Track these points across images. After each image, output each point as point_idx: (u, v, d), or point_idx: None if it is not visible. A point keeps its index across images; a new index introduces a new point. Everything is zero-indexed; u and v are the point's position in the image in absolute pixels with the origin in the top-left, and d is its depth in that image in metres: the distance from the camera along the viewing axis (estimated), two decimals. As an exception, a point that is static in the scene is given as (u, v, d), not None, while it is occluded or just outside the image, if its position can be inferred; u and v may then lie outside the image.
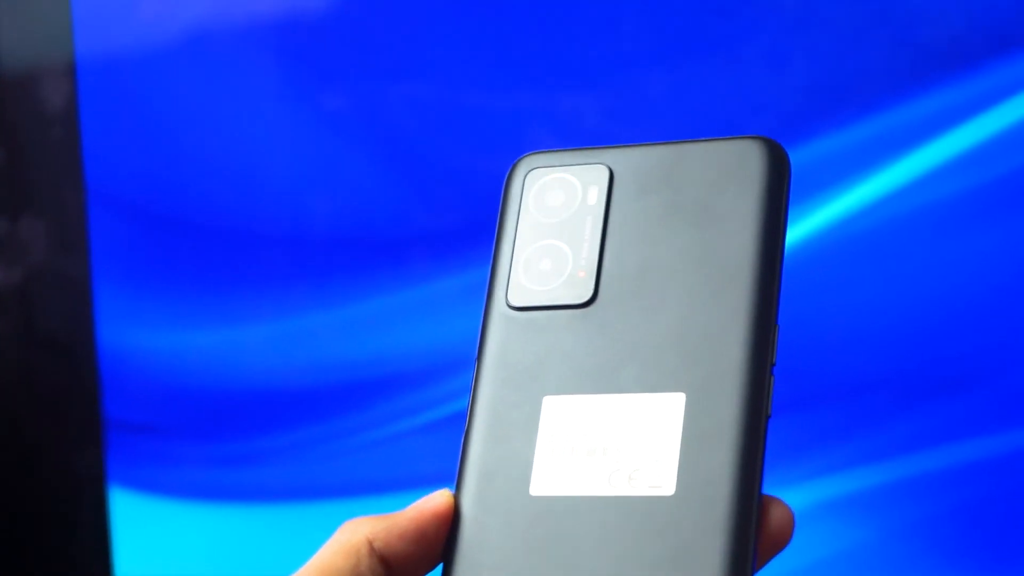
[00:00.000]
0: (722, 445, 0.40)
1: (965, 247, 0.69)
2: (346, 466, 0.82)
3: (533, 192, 0.45)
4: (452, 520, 0.41)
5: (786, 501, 0.41)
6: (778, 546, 0.40)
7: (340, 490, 0.82)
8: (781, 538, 0.40)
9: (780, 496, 0.41)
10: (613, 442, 0.41)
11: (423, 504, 0.41)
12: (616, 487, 0.40)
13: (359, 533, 0.41)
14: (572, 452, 0.41)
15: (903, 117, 0.69)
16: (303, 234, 0.82)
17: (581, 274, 0.44)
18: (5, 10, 0.89)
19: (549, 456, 0.41)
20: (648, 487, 0.40)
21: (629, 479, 0.40)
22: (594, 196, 0.45)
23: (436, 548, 0.41)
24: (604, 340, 0.42)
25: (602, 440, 0.41)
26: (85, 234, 0.87)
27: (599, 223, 0.44)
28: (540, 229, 0.45)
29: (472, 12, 0.77)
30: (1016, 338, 0.69)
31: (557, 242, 0.44)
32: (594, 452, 0.41)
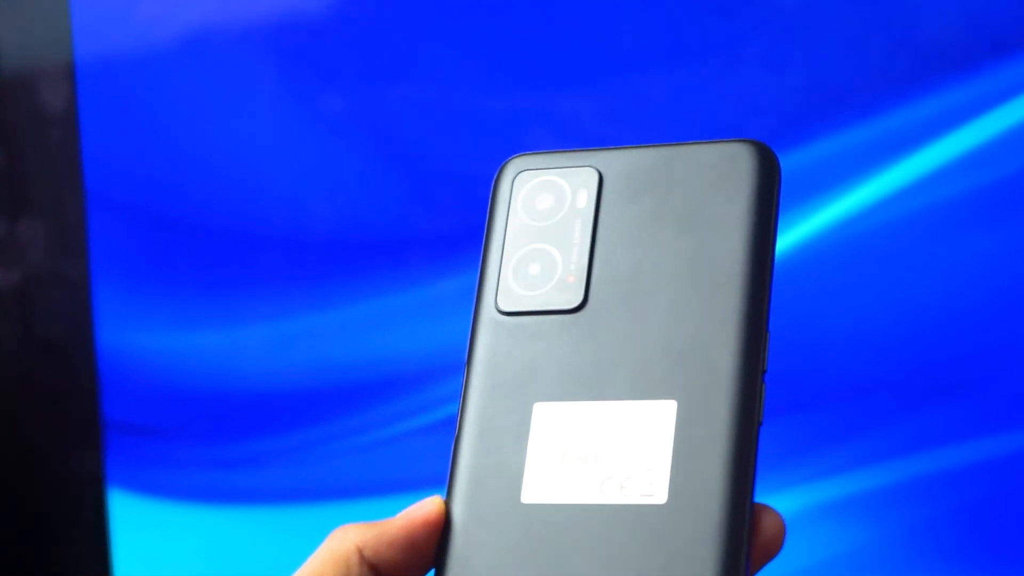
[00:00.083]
0: (714, 453, 0.39)
1: (965, 249, 0.69)
2: (345, 468, 0.82)
3: (522, 195, 0.45)
4: (443, 528, 0.41)
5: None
6: (770, 554, 0.40)
7: (339, 492, 0.82)
8: (773, 546, 0.40)
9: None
10: (604, 450, 0.41)
11: (413, 512, 0.41)
12: (608, 495, 0.40)
13: (348, 541, 0.41)
14: (563, 459, 0.41)
15: (903, 119, 0.69)
16: (302, 236, 0.82)
17: (570, 279, 0.43)
18: (4, 11, 0.89)
19: (540, 463, 0.41)
20: (640, 495, 0.40)
21: (621, 487, 0.40)
22: (583, 199, 0.44)
23: (426, 556, 0.41)
24: (594, 346, 0.42)
25: (593, 448, 0.41)
26: (84, 236, 0.87)
27: (588, 227, 0.44)
28: (529, 233, 0.44)
29: (471, 14, 0.77)
30: (1015, 341, 0.68)
31: (546, 246, 0.44)
32: (585, 460, 0.41)
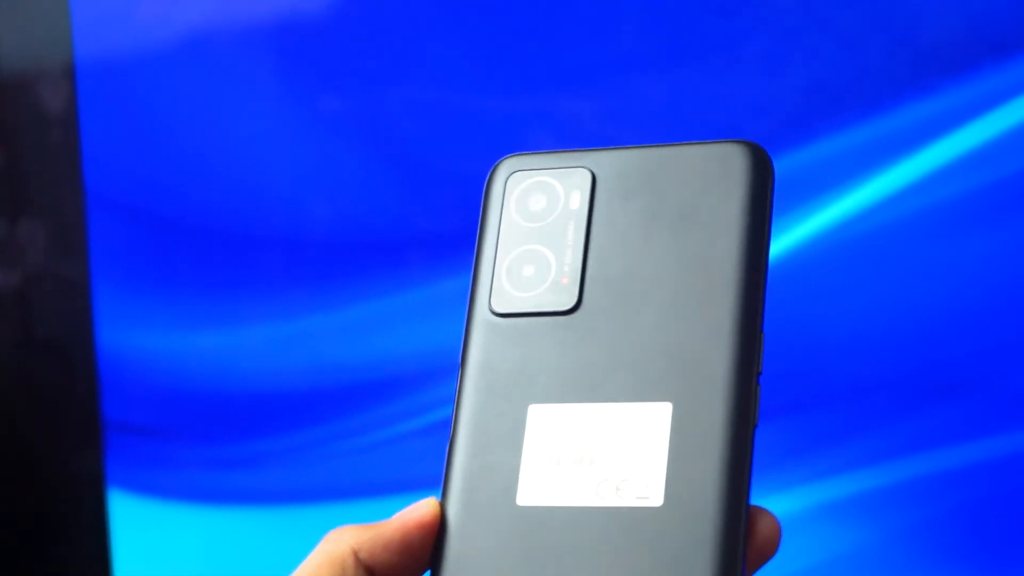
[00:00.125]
0: (710, 456, 0.39)
1: (964, 250, 0.69)
2: (345, 468, 0.82)
3: (515, 196, 0.45)
4: (438, 530, 0.41)
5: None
6: (765, 556, 0.40)
7: (339, 492, 0.82)
8: (768, 549, 0.40)
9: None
10: (600, 452, 0.41)
11: (408, 514, 0.41)
12: (604, 498, 0.40)
13: (343, 543, 0.41)
14: (559, 462, 0.41)
15: (903, 120, 0.69)
16: (302, 236, 0.82)
17: (564, 280, 0.43)
18: (4, 12, 0.89)
19: (535, 465, 0.41)
20: (636, 498, 0.40)
21: (617, 490, 0.40)
22: (576, 200, 0.44)
23: (422, 558, 0.41)
24: (589, 348, 0.42)
25: (589, 450, 0.41)
26: (84, 236, 0.87)
27: (582, 228, 0.44)
28: (522, 234, 0.44)
29: (470, 15, 0.77)
30: (1014, 341, 0.68)
31: (540, 247, 0.44)
32: (581, 462, 0.41)
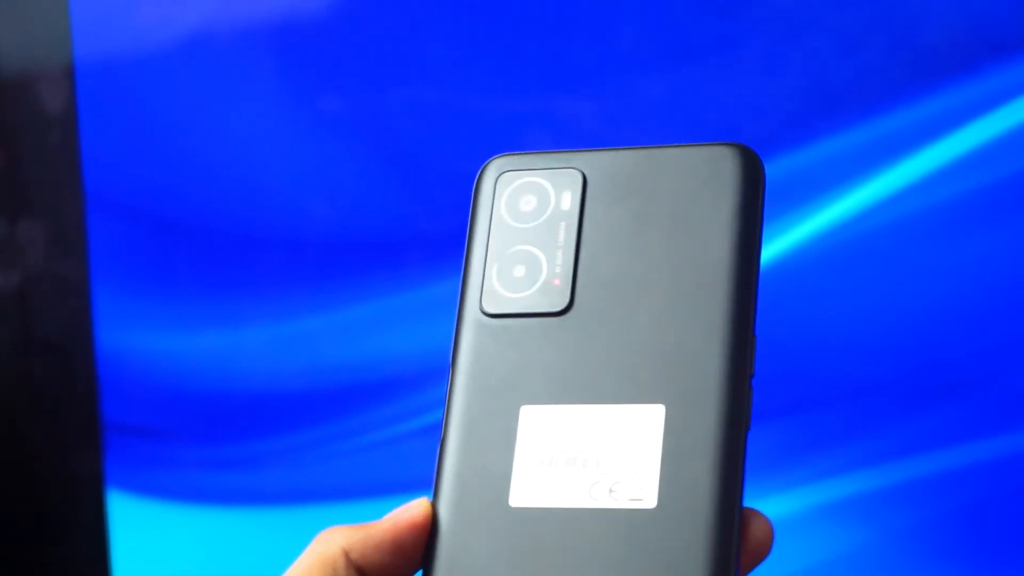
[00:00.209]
0: (703, 458, 0.40)
1: (964, 251, 0.69)
2: (344, 469, 0.82)
3: (505, 196, 0.45)
4: (430, 531, 0.41)
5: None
6: (758, 558, 0.40)
7: (338, 493, 0.82)
8: (761, 550, 0.40)
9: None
10: (593, 454, 0.41)
11: (400, 514, 0.41)
12: (597, 499, 0.40)
13: (334, 544, 0.41)
14: (551, 463, 0.41)
15: (902, 120, 0.69)
16: (301, 237, 0.82)
17: (556, 282, 0.43)
18: (4, 13, 0.89)
19: (528, 467, 0.41)
20: (629, 500, 0.40)
21: (610, 491, 0.40)
22: (567, 201, 0.44)
23: (413, 558, 0.41)
24: (581, 350, 0.42)
25: (582, 451, 0.41)
26: (83, 237, 0.87)
27: (573, 230, 0.44)
28: (513, 234, 0.44)
29: (470, 16, 0.77)
30: (1013, 342, 0.68)
31: (531, 248, 0.44)
32: (574, 463, 0.41)
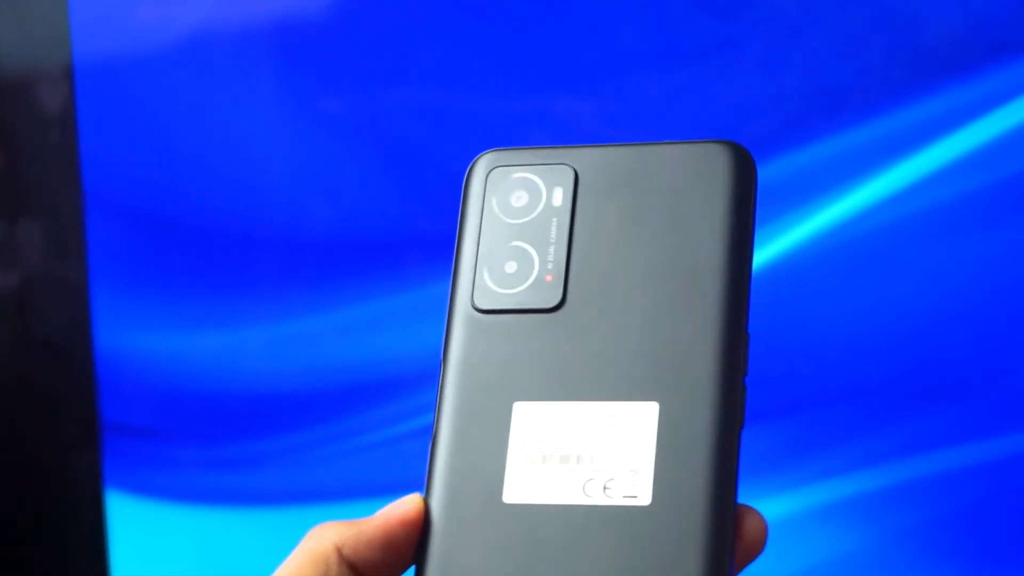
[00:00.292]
0: (697, 456, 0.40)
1: (964, 251, 0.69)
2: (343, 469, 0.82)
3: (496, 191, 0.45)
4: (423, 527, 0.41)
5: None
6: (752, 555, 0.40)
7: (337, 493, 0.82)
8: (756, 547, 0.40)
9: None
10: (587, 451, 0.41)
11: (391, 510, 0.41)
12: (591, 497, 0.40)
13: (327, 540, 0.41)
14: (545, 460, 0.41)
15: (902, 121, 0.69)
16: (300, 237, 0.82)
17: (548, 278, 0.43)
18: (3, 13, 0.89)
19: (521, 463, 0.41)
20: (623, 497, 0.40)
21: (604, 488, 0.40)
22: (559, 197, 0.44)
23: (405, 554, 0.41)
24: (574, 346, 0.42)
25: (575, 448, 0.41)
26: (82, 237, 0.87)
27: (565, 226, 0.44)
28: (504, 230, 0.44)
29: (470, 16, 0.77)
30: (1013, 343, 0.68)
31: (522, 244, 0.44)
32: (568, 460, 0.41)
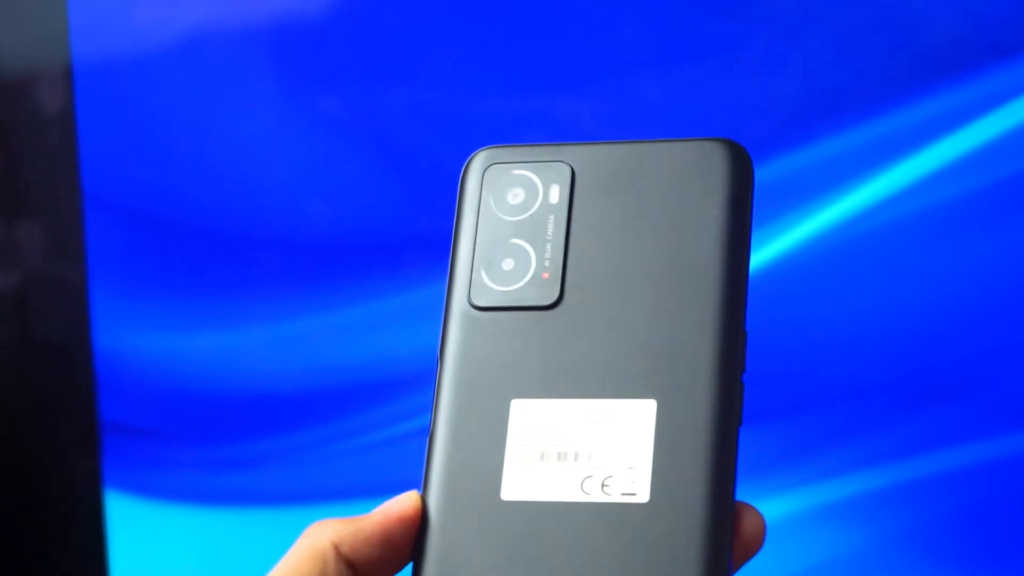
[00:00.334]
0: (695, 453, 0.40)
1: (964, 251, 0.69)
2: (343, 469, 0.82)
3: (493, 188, 0.45)
4: (421, 524, 0.41)
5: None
6: (750, 552, 0.40)
7: (337, 494, 0.82)
8: (753, 544, 0.40)
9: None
10: (585, 448, 0.41)
11: (389, 507, 0.41)
12: (590, 494, 0.40)
13: (324, 537, 0.41)
14: (543, 457, 0.41)
15: (901, 121, 0.69)
16: (299, 238, 0.82)
17: (545, 276, 0.43)
18: (2, 13, 0.89)
19: (519, 461, 0.41)
20: (621, 494, 0.40)
21: (603, 486, 0.40)
22: (556, 195, 0.44)
23: (403, 551, 0.41)
24: (572, 344, 0.42)
25: (574, 445, 0.41)
26: (82, 238, 0.87)
27: (563, 223, 0.44)
28: (501, 227, 0.44)
29: (469, 16, 0.77)
30: (1012, 343, 0.68)
31: (520, 241, 0.44)
32: (566, 457, 0.41)
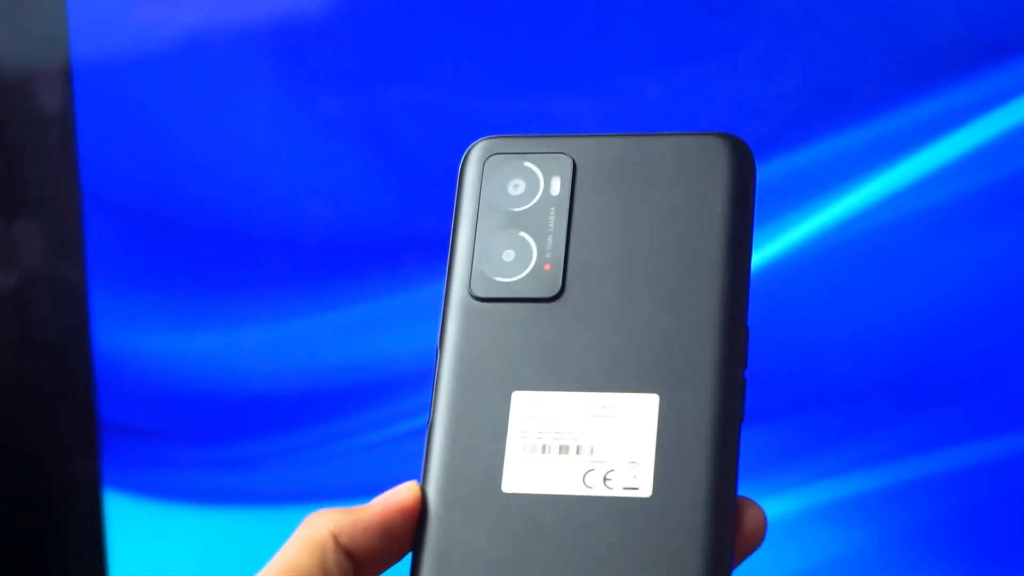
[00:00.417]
0: (698, 449, 0.40)
1: (963, 251, 0.69)
2: (341, 469, 0.82)
3: (493, 178, 0.44)
4: (420, 514, 0.41)
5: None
6: (751, 547, 0.40)
7: (336, 494, 0.82)
8: (754, 539, 0.40)
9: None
10: (587, 441, 0.41)
11: (389, 498, 0.41)
12: (592, 488, 0.40)
13: (323, 527, 0.41)
14: (544, 450, 0.41)
15: (901, 121, 0.69)
16: (298, 238, 0.82)
17: (547, 267, 0.43)
18: (1, 13, 0.89)
19: (520, 453, 0.41)
20: (623, 488, 0.40)
21: (605, 480, 0.40)
22: (557, 187, 0.44)
23: (402, 542, 0.41)
24: (573, 337, 0.42)
25: (576, 439, 0.41)
26: (81, 237, 0.87)
27: (564, 215, 0.43)
28: (502, 217, 0.44)
29: (468, 16, 0.77)
30: (1012, 343, 0.68)
31: (521, 232, 0.44)
32: (568, 451, 0.41)
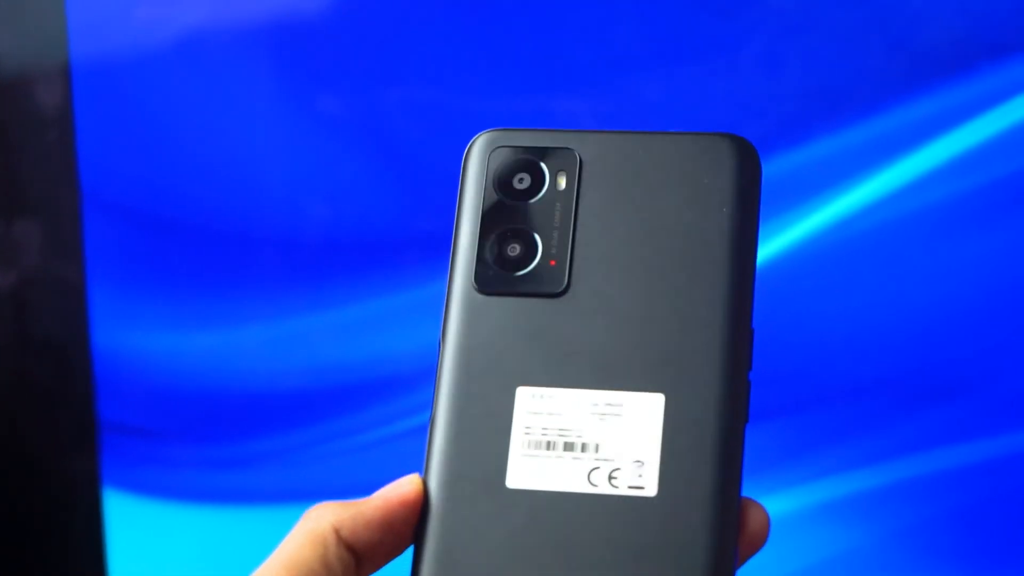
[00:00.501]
0: (703, 449, 0.40)
1: (963, 250, 0.69)
2: (341, 468, 0.82)
3: (498, 171, 0.44)
4: (422, 508, 0.41)
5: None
6: (755, 547, 0.40)
7: (335, 493, 0.82)
8: (758, 539, 0.40)
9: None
10: (592, 439, 0.41)
11: (390, 491, 0.41)
12: (597, 486, 0.40)
13: (324, 520, 0.40)
14: (549, 447, 0.41)
15: (900, 120, 0.69)
16: (298, 237, 0.82)
17: (552, 263, 0.43)
18: (1, 13, 0.89)
19: (524, 449, 0.41)
20: (629, 487, 0.40)
21: (610, 478, 0.40)
22: (563, 182, 0.44)
23: (403, 535, 0.41)
24: (579, 333, 0.42)
25: (581, 436, 0.41)
26: (80, 237, 0.87)
27: (570, 210, 0.43)
28: (506, 211, 0.44)
29: (468, 16, 0.77)
30: (1011, 342, 0.69)
31: (525, 227, 0.43)
32: (573, 448, 0.41)
